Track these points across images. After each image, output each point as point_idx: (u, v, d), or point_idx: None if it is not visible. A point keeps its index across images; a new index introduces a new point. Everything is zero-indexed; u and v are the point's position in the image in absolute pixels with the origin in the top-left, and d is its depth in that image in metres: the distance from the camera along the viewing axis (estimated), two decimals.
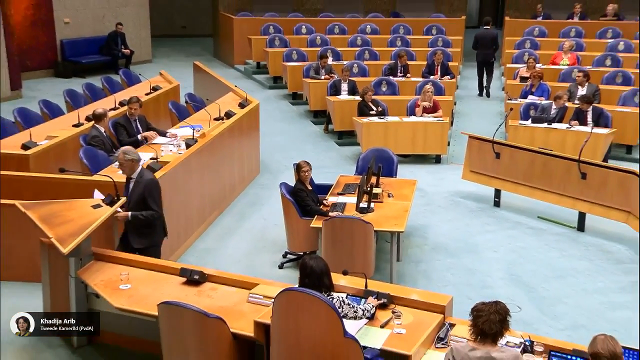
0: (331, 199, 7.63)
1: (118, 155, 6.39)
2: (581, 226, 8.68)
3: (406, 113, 11.51)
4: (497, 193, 9.44)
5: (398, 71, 13.57)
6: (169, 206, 7.44)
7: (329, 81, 12.80)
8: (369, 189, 7.45)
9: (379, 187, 7.79)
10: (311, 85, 13.25)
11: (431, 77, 13.28)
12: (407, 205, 7.52)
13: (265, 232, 8.44)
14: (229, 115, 9.78)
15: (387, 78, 13.09)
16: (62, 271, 5.81)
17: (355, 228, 6.81)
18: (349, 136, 12.14)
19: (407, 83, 13.16)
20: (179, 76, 13.72)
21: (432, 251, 8.02)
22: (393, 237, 7.14)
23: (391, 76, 13.30)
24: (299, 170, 7.53)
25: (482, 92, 15.11)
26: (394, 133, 11.00)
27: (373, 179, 7.77)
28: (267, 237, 8.28)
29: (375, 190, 7.62)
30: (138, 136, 8.94)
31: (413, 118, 11.29)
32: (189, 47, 20.56)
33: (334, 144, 12.21)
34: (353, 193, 7.62)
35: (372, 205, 7.33)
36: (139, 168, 6.36)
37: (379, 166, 8.02)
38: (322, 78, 13.29)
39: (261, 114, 10.97)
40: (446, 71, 13.62)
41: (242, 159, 10.01)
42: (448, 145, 11.54)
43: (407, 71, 13.65)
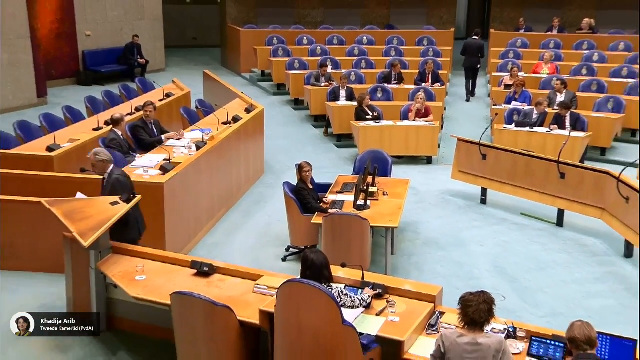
0: (330, 197, 7.62)
1: (89, 156, 6.22)
2: (560, 222, 8.69)
3: (400, 117, 11.49)
4: (484, 191, 9.44)
5: (392, 79, 13.56)
6: (181, 204, 7.47)
7: (329, 88, 12.77)
8: (366, 188, 7.47)
9: (375, 186, 7.78)
10: (312, 91, 13.24)
11: (423, 85, 13.26)
12: (401, 203, 7.52)
13: (269, 228, 8.44)
14: (236, 119, 9.77)
15: (382, 85, 13.08)
16: (84, 263, 5.81)
17: (353, 224, 6.81)
18: (347, 139, 12.12)
19: (401, 90, 13.14)
20: (190, 83, 13.72)
21: (424, 245, 8.02)
22: (388, 232, 7.14)
23: (386, 83, 13.29)
24: (301, 170, 7.52)
25: (469, 97, 15.20)
26: (389, 136, 10.98)
27: (369, 179, 7.78)
28: (271, 233, 8.28)
29: (371, 189, 7.62)
30: (162, 137, 8.95)
31: (406, 122, 11.27)
32: (199, 57, 20.52)
33: (333, 146, 12.20)
34: (351, 191, 7.63)
35: (369, 202, 7.33)
36: (111, 167, 6.24)
37: (375, 167, 8.02)
38: (322, 85, 13.27)
39: (266, 119, 10.96)
40: (437, 79, 13.61)
41: (248, 160, 10.00)
42: (438, 147, 11.52)
43: (402, 79, 13.64)
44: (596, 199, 8.27)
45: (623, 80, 13.35)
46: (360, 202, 7.25)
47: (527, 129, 10.68)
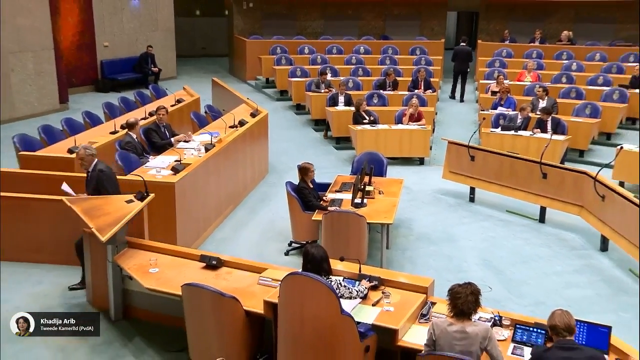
0: (330, 196, 7.61)
1: (79, 151, 6.13)
2: (542, 218, 8.68)
3: (394, 121, 11.48)
4: (472, 190, 9.43)
5: (387, 86, 13.55)
6: (191, 202, 7.46)
7: (328, 94, 12.77)
8: (363, 187, 7.45)
9: (371, 186, 7.76)
10: (312, 97, 13.23)
11: (415, 91, 13.25)
12: (395, 201, 7.51)
13: (273, 224, 8.42)
14: (242, 123, 9.76)
15: (378, 91, 13.07)
16: (101, 256, 5.82)
17: (350, 220, 6.80)
18: (345, 141, 12.10)
19: (395, 96, 13.13)
20: (200, 90, 13.70)
21: (417, 240, 8.01)
22: (383, 228, 7.13)
23: (381, 90, 13.28)
24: (308, 171, 7.47)
25: (455, 96, 15.64)
26: (384, 139, 10.97)
27: (366, 179, 7.76)
28: (275, 228, 8.26)
29: (368, 188, 7.60)
30: (172, 139, 8.94)
31: (400, 126, 11.26)
32: (208, 66, 20.53)
33: (333, 148, 12.18)
34: (349, 190, 7.61)
35: (365, 201, 7.31)
36: (95, 161, 6.23)
37: (371, 167, 8.00)
38: (322, 92, 13.26)
39: (269, 123, 10.93)
40: (428, 86, 13.60)
41: (253, 161, 9.99)
42: (430, 149, 11.50)
43: (396, 86, 13.63)
44: (575, 197, 8.27)
45: (599, 87, 13.37)
46: (357, 200, 7.24)
47: (512, 133, 10.66)
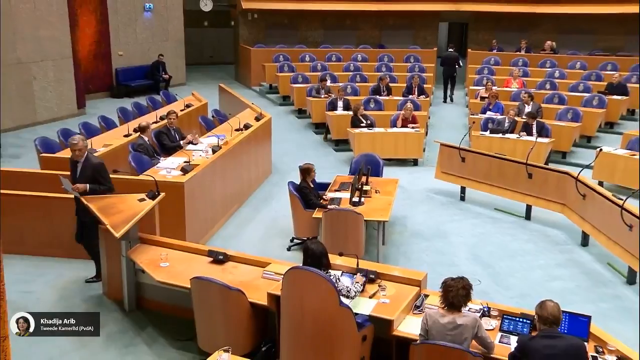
0: (329, 195, 7.60)
1: (78, 142, 6.01)
2: (528, 216, 8.67)
3: (390, 125, 11.46)
4: (463, 190, 9.42)
5: (381, 91, 13.53)
6: (199, 200, 7.45)
7: (328, 99, 12.75)
8: (360, 187, 7.45)
9: (368, 185, 7.75)
10: (313, 102, 13.21)
11: (410, 96, 13.23)
12: (391, 199, 7.50)
13: (276, 221, 8.40)
14: (247, 126, 9.76)
15: (375, 97, 13.05)
16: (116, 251, 5.82)
17: (349, 218, 6.80)
18: (344, 144, 12.09)
19: (391, 101, 13.10)
20: (207, 96, 13.70)
21: (411, 236, 8.00)
22: (379, 225, 7.13)
23: (377, 95, 13.26)
24: (309, 172, 7.46)
25: (446, 100, 15.79)
26: (380, 141, 10.95)
27: (363, 178, 7.75)
28: (278, 226, 8.24)
29: (365, 187, 7.60)
30: (181, 142, 8.93)
31: (395, 129, 11.24)
32: (215, 73, 20.51)
33: (332, 150, 12.16)
34: (347, 190, 7.59)
35: (363, 199, 7.31)
36: (86, 152, 6.16)
37: (368, 168, 8.00)
38: (322, 97, 13.24)
39: (273, 126, 10.93)
40: (422, 91, 13.57)
41: (257, 162, 9.99)
42: (424, 151, 11.50)
43: (390, 91, 13.61)
44: (558, 196, 8.27)
45: (580, 94, 13.37)
46: (355, 199, 7.22)
47: (500, 136, 10.65)
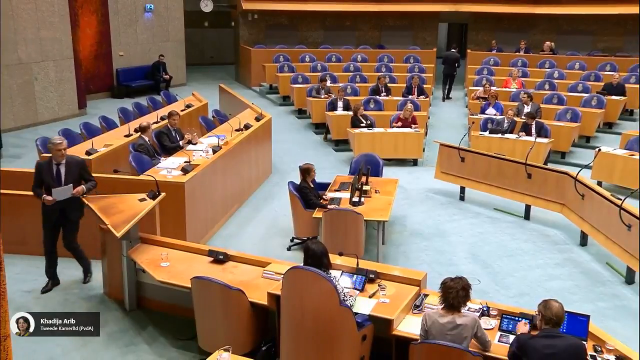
0: (329, 195, 7.60)
1: (62, 142, 5.93)
2: (527, 215, 8.67)
3: (389, 125, 11.46)
4: (462, 189, 9.42)
5: (380, 91, 13.52)
6: (199, 200, 7.44)
7: (328, 100, 12.75)
8: (360, 187, 7.44)
9: (368, 185, 7.75)
10: (313, 102, 13.21)
11: (409, 97, 13.23)
12: (391, 199, 7.50)
13: (276, 221, 8.40)
14: (247, 126, 9.75)
15: (374, 97, 13.04)
16: (116, 251, 5.82)
17: (349, 218, 6.80)
18: (344, 144, 12.09)
19: (390, 101, 13.10)
20: (208, 96, 13.69)
21: (410, 236, 8.00)
22: (379, 225, 7.12)
23: (376, 95, 13.26)
24: (310, 172, 7.46)
25: (445, 99, 15.96)
26: (380, 141, 10.94)
27: (363, 178, 7.75)
28: (278, 225, 8.24)
29: (365, 187, 7.60)
30: (180, 142, 8.92)
31: (395, 129, 11.24)
32: (216, 73, 20.52)
33: (332, 150, 12.16)
34: (347, 190, 7.59)
35: (363, 199, 7.31)
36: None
37: (368, 168, 8.00)
38: (322, 97, 13.24)
39: (273, 126, 10.93)
40: (421, 92, 13.57)
41: (258, 162, 9.98)
42: (423, 151, 11.50)
43: (389, 91, 13.60)
44: (557, 196, 8.27)
45: (579, 94, 13.36)
46: (355, 199, 7.22)
47: (499, 136, 10.65)
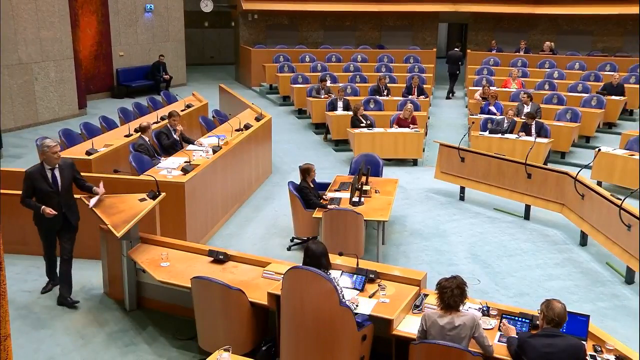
0: (329, 195, 7.59)
1: (57, 145, 5.70)
2: (527, 215, 8.67)
3: (389, 125, 11.46)
4: (462, 189, 9.42)
5: (381, 91, 13.51)
6: (199, 200, 7.44)
7: (328, 100, 12.75)
8: (360, 187, 7.44)
9: (368, 185, 7.76)
10: (313, 103, 13.21)
11: (409, 97, 13.24)
12: (390, 199, 7.49)
13: (276, 221, 8.40)
14: (247, 127, 9.75)
15: (374, 97, 13.06)
16: (116, 251, 5.82)
17: (349, 218, 6.79)
18: (344, 144, 12.10)
19: (390, 101, 13.11)
20: (208, 96, 13.70)
21: (410, 236, 7.99)
22: (379, 225, 7.12)
23: (377, 95, 13.26)
24: (310, 172, 7.45)
25: (449, 96, 16.35)
26: (380, 141, 10.95)
27: (363, 178, 7.75)
28: (278, 225, 8.25)
29: (365, 187, 7.60)
30: (175, 135, 8.95)
31: (395, 129, 11.24)
32: (216, 73, 20.53)
33: (332, 150, 12.16)
34: (347, 190, 7.59)
35: (363, 199, 7.31)
36: None
37: (368, 168, 8.00)
38: (322, 97, 13.25)
39: (273, 126, 10.93)
40: (421, 92, 13.58)
41: (258, 162, 9.97)
42: (423, 151, 11.50)
43: (389, 91, 13.60)
44: (557, 196, 8.27)
45: (578, 94, 13.39)
46: (355, 199, 7.22)
47: (499, 136, 10.66)
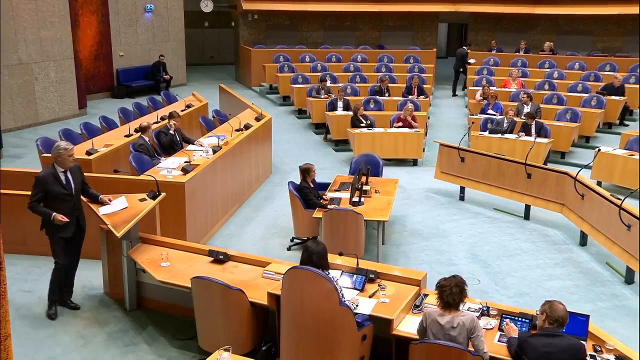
0: (329, 195, 7.59)
1: (72, 147, 5.63)
2: (527, 215, 8.67)
3: (389, 125, 11.46)
4: (462, 189, 9.42)
5: (383, 92, 13.51)
6: (199, 200, 7.44)
7: (328, 100, 12.75)
8: (360, 187, 7.44)
9: (368, 185, 7.75)
10: (313, 103, 13.21)
11: (409, 97, 13.24)
12: (390, 199, 7.49)
13: (276, 221, 8.40)
14: (247, 127, 9.75)
15: (374, 97, 13.06)
16: (117, 251, 5.83)
17: (349, 218, 6.79)
18: (344, 144, 12.10)
19: (390, 101, 13.11)
20: (208, 96, 13.70)
21: (410, 236, 7.99)
22: (379, 225, 7.12)
23: (378, 96, 13.26)
24: (310, 172, 7.45)
25: (456, 94, 16.78)
26: (380, 141, 10.94)
27: (363, 178, 7.75)
28: (278, 225, 8.25)
29: (365, 187, 7.60)
30: (171, 131, 8.98)
31: (395, 129, 11.24)
32: (216, 73, 20.53)
33: (332, 150, 12.16)
34: (347, 190, 7.59)
35: (363, 199, 7.30)
36: None
37: (368, 168, 8.00)
38: (322, 97, 13.25)
39: (273, 126, 10.93)
40: (421, 92, 13.58)
41: (258, 162, 9.97)
42: (423, 151, 11.50)
43: (389, 92, 13.60)
44: (557, 196, 8.27)
45: (578, 94, 13.38)
46: (355, 199, 7.22)
47: (499, 136, 10.65)
